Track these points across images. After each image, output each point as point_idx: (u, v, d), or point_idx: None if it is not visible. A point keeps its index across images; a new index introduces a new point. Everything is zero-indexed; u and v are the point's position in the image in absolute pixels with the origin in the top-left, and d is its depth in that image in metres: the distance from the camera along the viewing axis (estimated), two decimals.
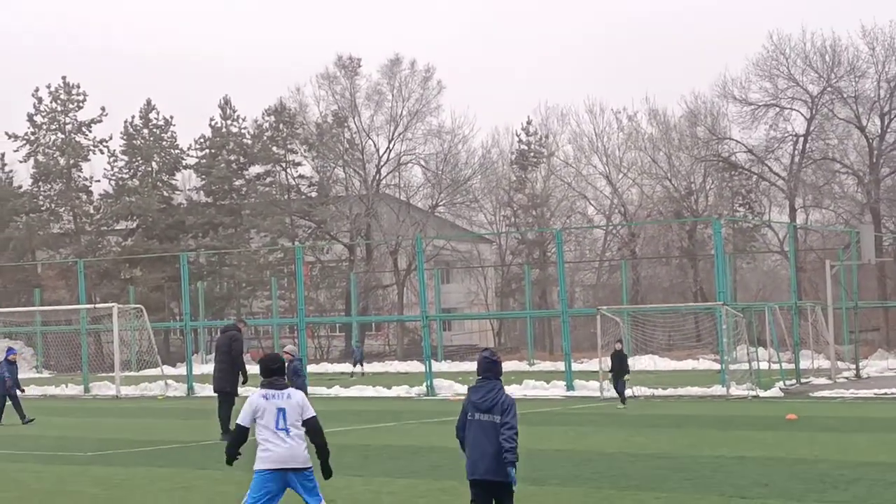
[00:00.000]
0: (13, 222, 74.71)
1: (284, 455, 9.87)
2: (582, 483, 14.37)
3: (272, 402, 9.96)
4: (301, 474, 9.96)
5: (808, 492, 13.12)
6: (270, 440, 9.90)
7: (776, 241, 68.53)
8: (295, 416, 9.97)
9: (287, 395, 10.03)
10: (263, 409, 9.97)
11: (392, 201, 75.10)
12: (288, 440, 9.89)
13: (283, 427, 9.90)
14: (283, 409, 9.93)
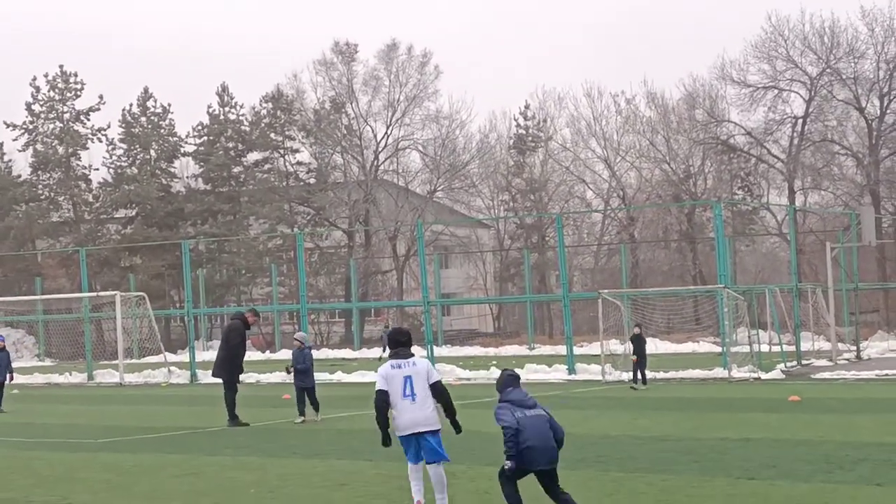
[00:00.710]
0: (13, 211, 74.76)
1: (413, 420, 10.65)
2: (588, 466, 14.48)
3: (399, 371, 10.71)
4: (429, 436, 10.75)
5: (815, 472, 13.23)
6: (399, 408, 10.68)
7: (775, 224, 68.63)
8: (421, 384, 10.69)
9: (413, 364, 10.78)
10: (393, 379, 10.72)
11: (390, 187, 75.13)
12: (414, 406, 10.62)
13: (410, 394, 10.61)
14: (409, 377, 10.66)
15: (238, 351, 22.10)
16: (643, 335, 29.77)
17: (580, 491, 12.51)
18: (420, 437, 10.75)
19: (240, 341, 22.13)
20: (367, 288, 72.45)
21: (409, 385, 10.63)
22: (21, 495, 13.82)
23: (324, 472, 14.88)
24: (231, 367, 21.98)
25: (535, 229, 74.00)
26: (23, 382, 42.63)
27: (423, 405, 10.64)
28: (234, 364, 22.01)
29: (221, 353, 22.22)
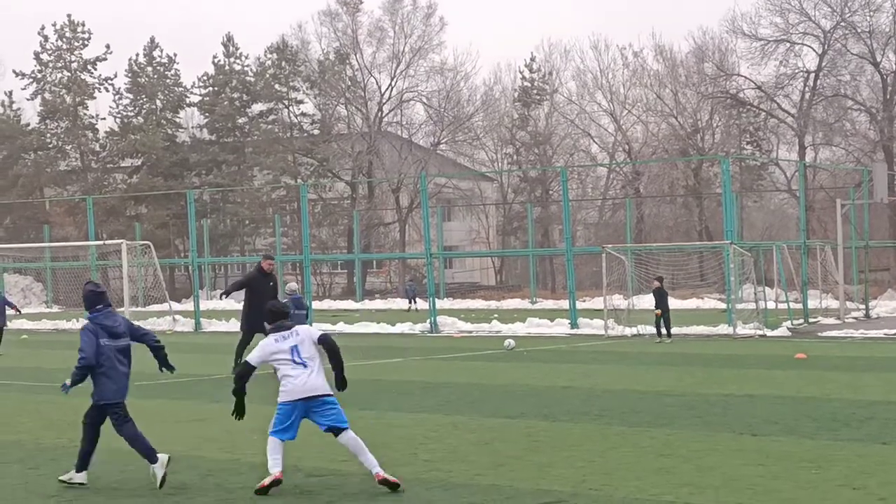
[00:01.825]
0: (21, 160, 74.88)
1: (307, 384, 10.31)
2: (592, 420, 14.48)
3: (283, 344, 10.46)
4: (321, 401, 10.36)
5: (820, 430, 13.22)
6: (289, 374, 10.34)
7: (784, 180, 68.28)
8: (308, 350, 10.42)
9: (296, 333, 10.52)
10: (278, 351, 10.45)
11: (394, 139, 74.95)
12: (305, 372, 10.31)
13: (300, 362, 10.32)
14: (295, 347, 10.41)
15: (252, 301, 21.71)
16: (664, 288, 29.82)
17: (583, 443, 12.54)
18: (315, 403, 10.36)
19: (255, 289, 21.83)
20: (369, 240, 72.45)
21: (296, 353, 10.39)
22: (31, 438, 13.89)
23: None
24: (245, 318, 21.77)
25: (539, 183, 73.84)
26: (31, 328, 42.82)
27: (316, 372, 10.37)
28: (246, 314, 21.79)
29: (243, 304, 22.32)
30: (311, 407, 10.37)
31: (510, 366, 22.92)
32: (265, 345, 10.56)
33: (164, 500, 10.02)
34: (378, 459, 11.71)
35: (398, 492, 10.11)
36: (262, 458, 11.88)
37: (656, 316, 29.31)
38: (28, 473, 11.42)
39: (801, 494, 9.65)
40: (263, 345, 10.59)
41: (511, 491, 10.03)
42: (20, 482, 10.98)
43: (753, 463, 11.15)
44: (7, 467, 11.78)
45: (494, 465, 11.36)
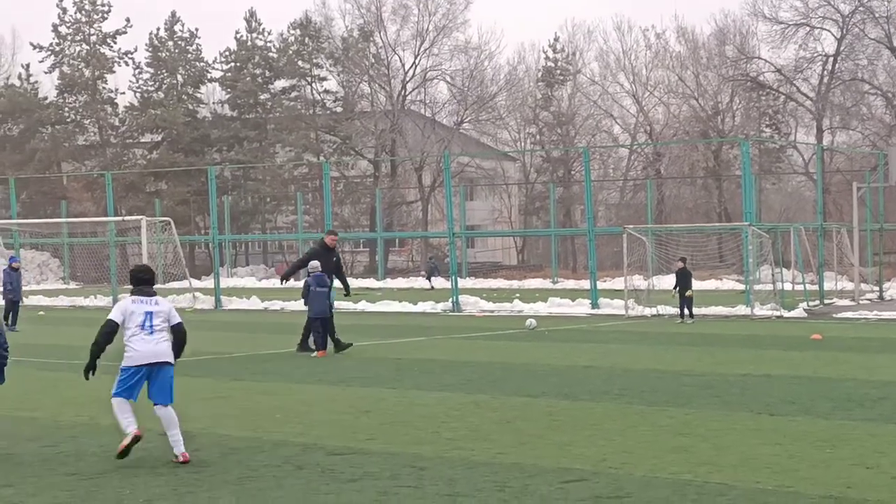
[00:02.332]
0: (39, 133, 74.88)
1: (150, 351, 10.81)
2: (612, 399, 14.61)
3: (141, 307, 10.93)
4: (166, 368, 10.93)
5: (835, 409, 13.33)
6: (136, 339, 10.80)
7: (802, 163, 68.21)
8: (161, 321, 10.92)
9: (155, 302, 11.00)
10: (132, 313, 10.92)
11: (417, 117, 74.94)
12: (151, 339, 10.83)
13: (149, 328, 10.84)
14: (150, 313, 10.90)
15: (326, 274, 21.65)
16: (688, 268, 29.83)
17: (603, 422, 12.67)
18: (154, 370, 10.84)
19: (294, 261, 21.98)
20: (391, 218, 72.58)
21: (149, 319, 10.84)
22: (49, 415, 14.03)
23: (348, 398, 15.07)
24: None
25: (562, 163, 73.81)
26: (48, 304, 43.13)
27: (159, 339, 10.88)
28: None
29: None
30: (152, 372, 10.87)
31: (532, 345, 23.06)
32: (123, 303, 11.02)
33: (186, 477, 10.16)
34: (400, 438, 11.89)
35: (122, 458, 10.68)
36: (284, 437, 12.08)
37: (682, 297, 29.24)
38: (47, 451, 11.53)
39: (816, 473, 9.77)
40: (121, 303, 11.07)
41: (533, 469, 10.16)
42: (38, 459, 11.12)
43: (770, 442, 11.27)
44: (26, 445, 11.91)
45: (516, 443, 11.50)
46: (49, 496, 9.49)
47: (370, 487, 9.53)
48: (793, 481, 9.47)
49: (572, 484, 9.51)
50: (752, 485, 9.36)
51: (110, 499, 9.32)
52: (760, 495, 8.97)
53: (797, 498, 8.86)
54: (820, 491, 9.10)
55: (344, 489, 9.49)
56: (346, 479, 9.87)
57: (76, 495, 9.49)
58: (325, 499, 9.14)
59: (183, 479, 10.01)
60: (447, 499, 9.06)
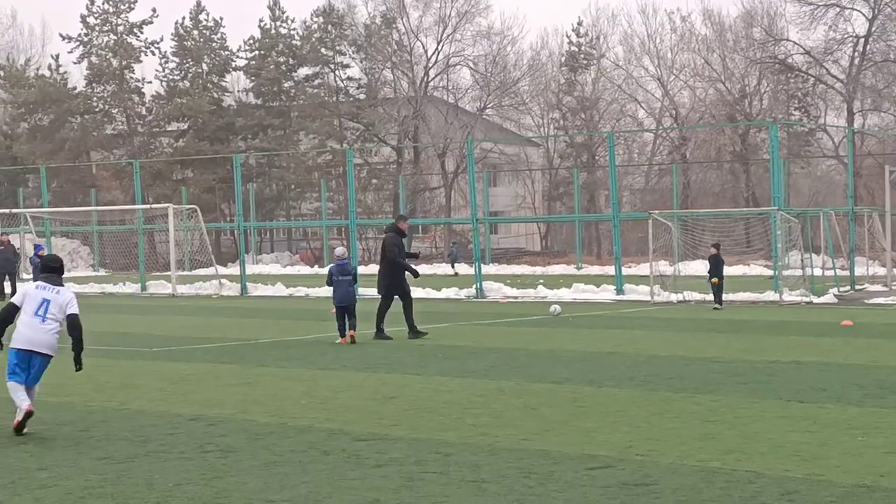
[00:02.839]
0: (68, 123, 75.38)
1: (32, 338, 11.23)
2: (638, 385, 14.53)
3: (40, 293, 11.31)
4: (42, 358, 11.36)
5: (866, 397, 13.20)
6: (25, 323, 11.22)
7: (832, 146, 67.65)
8: (56, 310, 11.28)
9: (56, 292, 11.37)
10: (32, 297, 11.34)
11: (440, 103, 74.80)
12: (39, 327, 11.21)
13: (41, 315, 11.20)
14: (48, 301, 11.26)
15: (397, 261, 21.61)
16: (720, 255, 29.67)
17: (628, 408, 12.60)
18: (33, 357, 11.28)
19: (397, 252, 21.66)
20: (415, 204, 72.54)
21: (44, 308, 11.19)
22: (80, 400, 14.11)
23: (374, 385, 15.05)
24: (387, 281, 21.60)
25: (586, 148, 73.56)
26: (77, 291, 43.15)
27: (48, 330, 11.23)
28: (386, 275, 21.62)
29: (378, 267, 22.18)
30: (31, 358, 11.29)
31: (556, 331, 22.99)
32: (27, 286, 11.49)
33: (214, 462, 10.18)
34: (425, 424, 11.86)
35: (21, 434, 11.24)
36: (310, 423, 12.07)
37: (713, 284, 29.11)
38: (79, 435, 11.61)
39: (848, 461, 9.67)
40: (26, 286, 11.54)
41: (558, 456, 10.11)
42: (71, 443, 11.19)
43: (800, 430, 11.17)
44: (58, 429, 11.99)
45: (541, 430, 11.45)
46: (81, 479, 9.53)
47: (396, 473, 9.51)
48: (823, 469, 9.38)
49: (598, 471, 9.45)
50: (781, 473, 9.28)
51: (140, 482, 9.34)
52: (790, 483, 8.89)
53: (828, 486, 8.77)
54: (852, 479, 9.00)
55: (370, 475, 9.47)
56: (372, 465, 9.85)
57: (107, 479, 9.53)
58: (350, 484, 9.12)
59: (211, 464, 10.03)
60: (472, 485, 9.02)
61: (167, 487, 9.16)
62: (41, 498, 8.92)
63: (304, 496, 8.76)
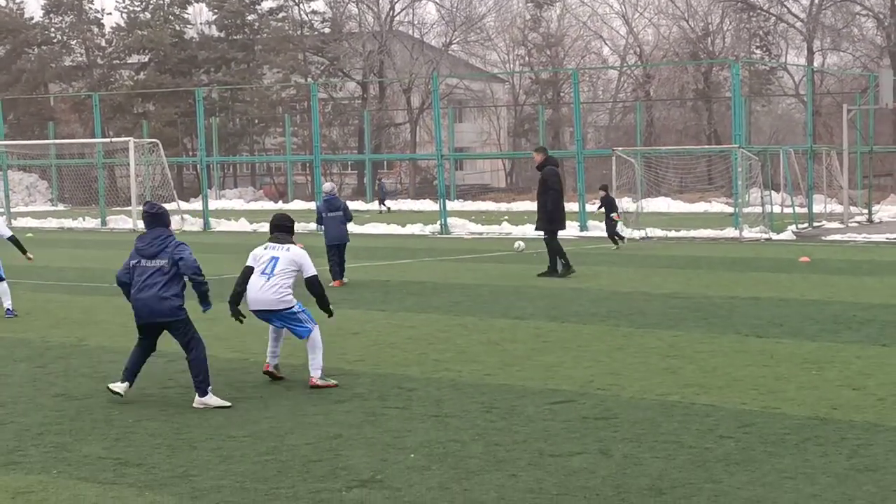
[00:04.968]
0: (25, 54, 74.15)
1: (257, 298, 10.67)
2: (600, 321, 14.65)
3: (269, 252, 10.85)
4: (277, 315, 10.71)
5: (822, 332, 13.39)
6: (253, 283, 10.73)
7: (792, 85, 67.93)
8: (285, 266, 10.69)
9: (286, 249, 10.85)
10: (260, 257, 10.89)
11: (405, 39, 74.25)
12: (265, 285, 10.64)
13: (269, 272, 10.69)
14: (276, 259, 10.75)
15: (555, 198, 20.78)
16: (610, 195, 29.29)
17: (590, 343, 12.72)
18: (267, 315, 10.75)
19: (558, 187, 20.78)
20: (380, 140, 72.25)
21: (272, 265, 10.72)
22: (38, 336, 14.05)
23: (337, 320, 14.98)
24: (547, 216, 20.82)
25: (551, 85, 73.34)
26: (36, 226, 43.01)
27: (273, 287, 10.62)
28: (547, 212, 20.83)
29: (537, 203, 21.10)
30: (270, 318, 10.79)
31: (520, 268, 23.09)
32: (255, 251, 11.04)
33: (174, 398, 10.21)
34: (388, 360, 11.94)
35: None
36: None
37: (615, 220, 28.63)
38: (36, 372, 11.59)
39: (803, 394, 9.84)
40: (254, 251, 11.05)
41: (520, 390, 10.22)
42: (28, 380, 11.16)
43: (757, 364, 11.33)
44: (15, 365, 11.96)
45: (503, 364, 11.55)
46: (39, 416, 9.53)
47: (358, 408, 9.57)
48: (779, 402, 9.53)
49: (560, 405, 9.56)
50: (738, 406, 9.43)
51: (99, 419, 9.35)
52: (747, 416, 9.04)
53: (783, 419, 8.93)
54: (806, 412, 9.16)
55: (332, 410, 9.53)
56: (335, 401, 9.91)
57: (65, 415, 9.53)
58: (313, 420, 9.18)
59: (171, 400, 10.05)
60: (435, 420, 9.10)
61: (127, 423, 9.19)
62: None
63: (266, 432, 8.81)
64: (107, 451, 8.31)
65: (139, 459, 8.02)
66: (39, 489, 7.36)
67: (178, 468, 7.78)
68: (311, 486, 7.28)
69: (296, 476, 7.52)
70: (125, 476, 7.61)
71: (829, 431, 8.51)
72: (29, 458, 8.16)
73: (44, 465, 7.96)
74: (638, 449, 8.05)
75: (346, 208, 20.20)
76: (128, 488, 7.32)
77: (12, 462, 8.06)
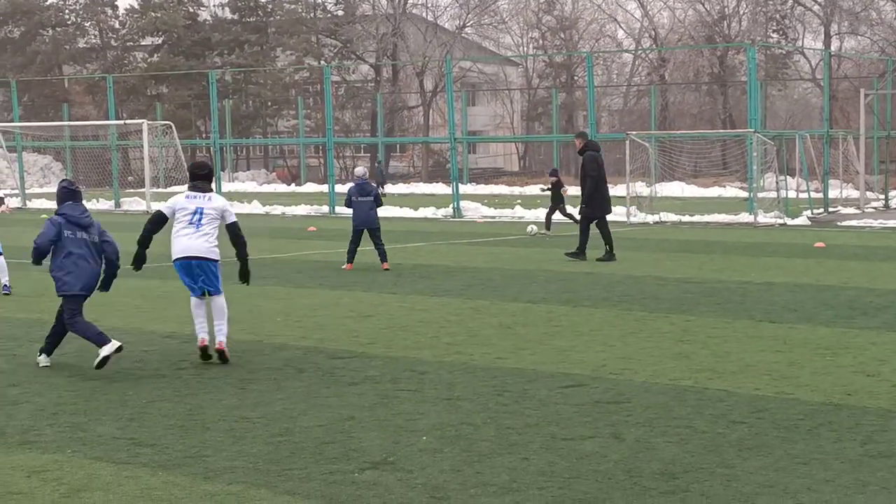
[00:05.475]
0: (39, 36, 74.24)
1: (189, 246, 10.89)
2: (612, 305, 14.63)
3: (192, 202, 11.00)
4: (204, 263, 10.98)
5: (837, 318, 13.34)
6: (181, 233, 10.94)
7: (809, 69, 67.58)
8: (211, 215, 10.98)
9: (208, 198, 11.06)
10: (183, 207, 11.03)
11: (419, 21, 74.10)
12: (195, 234, 10.90)
13: (196, 223, 10.92)
14: (201, 209, 10.96)
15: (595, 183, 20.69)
16: (560, 181, 29.10)
17: (603, 328, 12.70)
18: (194, 262, 10.97)
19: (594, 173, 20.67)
20: (393, 123, 72.19)
21: (198, 215, 10.91)
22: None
23: (350, 303, 15.10)
24: (589, 201, 20.83)
25: (565, 68, 73.17)
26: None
27: (204, 236, 10.92)
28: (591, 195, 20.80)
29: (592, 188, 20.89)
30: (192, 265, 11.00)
31: (532, 251, 23.06)
32: (176, 198, 11.14)
33: (188, 379, 10.23)
34: (400, 342, 11.95)
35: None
36: (286, 340, 12.12)
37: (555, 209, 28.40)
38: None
39: (817, 380, 9.80)
40: (175, 198, 11.17)
41: (532, 374, 10.21)
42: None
43: (771, 349, 11.30)
44: (30, 346, 11.91)
45: (515, 348, 11.54)
46: (54, 395, 9.56)
47: (371, 391, 9.58)
48: (793, 388, 9.51)
49: (571, 389, 9.55)
50: (751, 391, 9.40)
51: (113, 400, 9.38)
52: (760, 402, 9.01)
53: (796, 404, 8.90)
54: (820, 398, 9.13)
55: (345, 392, 9.54)
56: (347, 383, 9.92)
57: (80, 395, 9.57)
58: (325, 401, 9.19)
59: (185, 381, 10.07)
60: (447, 403, 9.10)
61: (140, 404, 9.21)
62: (13, 414, 8.95)
63: (279, 413, 8.82)
64: (121, 430, 8.33)
65: (153, 440, 8.05)
66: (55, 468, 7.38)
67: (191, 449, 7.79)
68: (324, 467, 7.29)
69: (308, 457, 7.53)
70: (139, 456, 7.63)
71: (843, 417, 8.48)
72: (44, 437, 8.19)
73: (59, 444, 7.98)
74: (650, 433, 8.04)
75: (377, 194, 20.23)
76: (141, 468, 7.34)
77: (28, 441, 8.09)
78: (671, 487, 6.81)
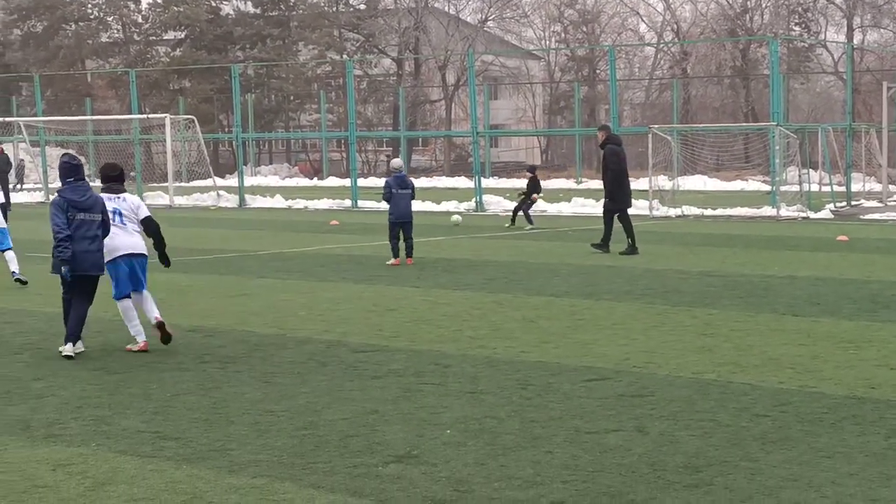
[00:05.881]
0: (62, 31, 74.52)
1: (127, 242, 11.31)
2: (635, 298, 14.61)
3: (110, 203, 11.30)
4: (143, 259, 11.47)
5: (860, 311, 13.29)
6: (115, 232, 11.24)
7: (831, 62, 67.23)
8: (130, 215, 11.39)
9: (122, 199, 11.45)
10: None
11: (441, 15, 74.05)
12: (125, 232, 11.31)
13: (120, 222, 11.31)
14: (118, 209, 11.34)
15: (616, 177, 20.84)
16: (537, 177, 29.09)
17: (626, 321, 12.69)
18: (133, 260, 11.34)
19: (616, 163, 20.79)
20: (415, 117, 72.18)
21: (118, 216, 11.29)
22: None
23: (373, 297, 15.13)
24: (613, 193, 21.04)
25: (587, 62, 73.00)
26: None
27: (133, 233, 11.39)
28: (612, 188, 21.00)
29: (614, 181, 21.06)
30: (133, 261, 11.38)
31: (555, 245, 23.06)
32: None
33: (212, 373, 10.28)
34: (424, 336, 11.97)
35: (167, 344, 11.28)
36: (309, 334, 12.16)
37: (530, 202, 28.28)
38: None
39: (840, 373, 9.78)
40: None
41: (556, 367, 10.22)
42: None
43: (794, 343, 11.27)
44: (54, 340, 11.90)
45: (539, 342, 11.55)
46: (78, 389, 9.63)
47: (394, 384, 9.61)
48: (816, 381, 9.49)
49: (595, 382, 9.56)
50: (775, 385, 9.39)
51: (137, 393, 9.44)
52: (783, 395, 9.00)
53: (820, 398, 8.89)
54: (843, 391, 9.11)
55: (368, 386, 9.57)
56: (371, 376, 9.95)
57: (104, 389, 9.63)
58: (349, 395, 9.22)
59: (209, 375, 10.12)
60: (470, 396, 9.12)
61: (164, 398, 9.27)
62: (37, 408, 9.02)
63: (303, 406, 8.86)
64: (145, 424, 8.39)
65: (177, 433, 8.09)
66: (79, 461, 7.44)
67: (215, 442, 7.84)
68: (348, 461, 7.33)
69: (332, 451, 7.56)
70: (163, 449, 7.68)
71: (867, 411, 8.46)
72: (69, 430, 8.26)
73: (83, 437, 8.04)
74: (674, 427, 8.05)
75: (414, 186, 20.17)
76: (166, 461, 7.39)
77: (53, 435, 8.15)
78: (695, 481, 6.81)
